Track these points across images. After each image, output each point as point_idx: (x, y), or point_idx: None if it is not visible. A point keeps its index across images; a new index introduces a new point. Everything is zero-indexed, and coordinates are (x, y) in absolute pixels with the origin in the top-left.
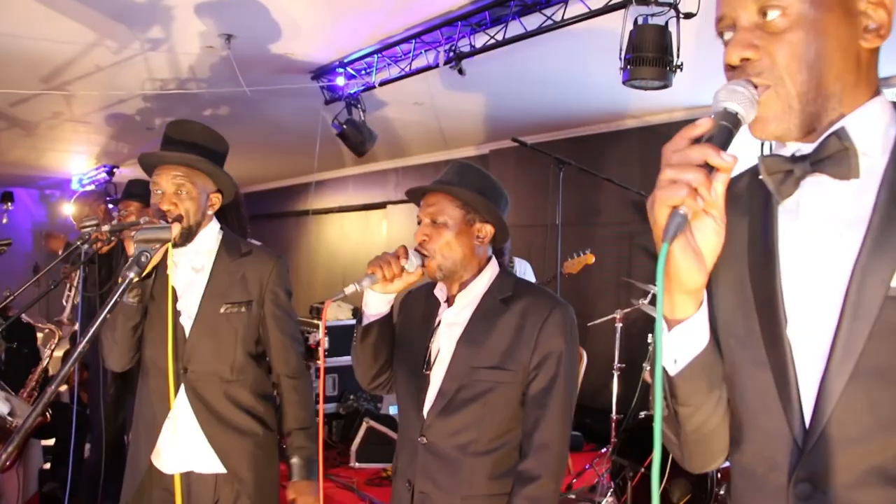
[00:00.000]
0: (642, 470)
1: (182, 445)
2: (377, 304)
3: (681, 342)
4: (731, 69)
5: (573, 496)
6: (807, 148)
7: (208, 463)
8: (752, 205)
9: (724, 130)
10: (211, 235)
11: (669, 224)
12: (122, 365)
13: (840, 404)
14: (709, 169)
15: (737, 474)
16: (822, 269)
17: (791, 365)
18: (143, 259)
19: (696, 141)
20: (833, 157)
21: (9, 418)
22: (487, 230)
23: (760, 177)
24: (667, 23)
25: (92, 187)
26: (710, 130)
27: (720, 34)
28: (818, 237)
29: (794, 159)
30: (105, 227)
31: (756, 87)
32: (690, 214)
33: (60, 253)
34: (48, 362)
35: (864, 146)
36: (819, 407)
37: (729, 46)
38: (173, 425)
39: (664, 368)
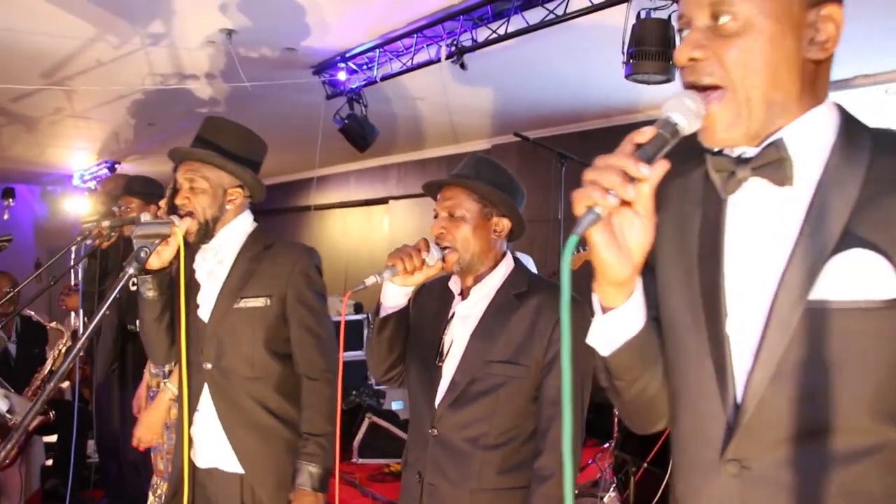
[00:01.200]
0: (645, 465)
1: (207, 442)
2: (396, 296)
3: (612, 327)
4: (682, 68)
5: (576, 491)
6: (751, 152)
7: (233, 462)
8: (706, 196)
9: (659, 140)
10: (238, 230)
11: (582, 220)
12: (161, 358)
13: (763, 401)
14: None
15: (675, 449)
16: (758, 270)
17: (728, 358)
18: (142, 255)
19: (640, 146)
20: (771, 165)
21: (8, 416)
22: (504, 224)
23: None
24: (669, 16)
25: (93, 183)
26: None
27: (680, 31)
28: (757, 238)
29: (738, 161)
30: (105, 223)
31: (705, 89)
32: (605, 213)
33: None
34: (54, 361)
35: (800, 156)
36: (746, 399)
37: (679, 46)
38: (199, 421)
39: (597, 350)
